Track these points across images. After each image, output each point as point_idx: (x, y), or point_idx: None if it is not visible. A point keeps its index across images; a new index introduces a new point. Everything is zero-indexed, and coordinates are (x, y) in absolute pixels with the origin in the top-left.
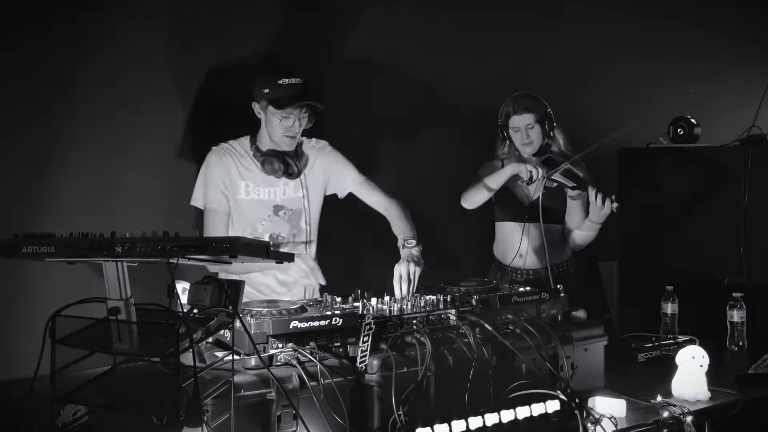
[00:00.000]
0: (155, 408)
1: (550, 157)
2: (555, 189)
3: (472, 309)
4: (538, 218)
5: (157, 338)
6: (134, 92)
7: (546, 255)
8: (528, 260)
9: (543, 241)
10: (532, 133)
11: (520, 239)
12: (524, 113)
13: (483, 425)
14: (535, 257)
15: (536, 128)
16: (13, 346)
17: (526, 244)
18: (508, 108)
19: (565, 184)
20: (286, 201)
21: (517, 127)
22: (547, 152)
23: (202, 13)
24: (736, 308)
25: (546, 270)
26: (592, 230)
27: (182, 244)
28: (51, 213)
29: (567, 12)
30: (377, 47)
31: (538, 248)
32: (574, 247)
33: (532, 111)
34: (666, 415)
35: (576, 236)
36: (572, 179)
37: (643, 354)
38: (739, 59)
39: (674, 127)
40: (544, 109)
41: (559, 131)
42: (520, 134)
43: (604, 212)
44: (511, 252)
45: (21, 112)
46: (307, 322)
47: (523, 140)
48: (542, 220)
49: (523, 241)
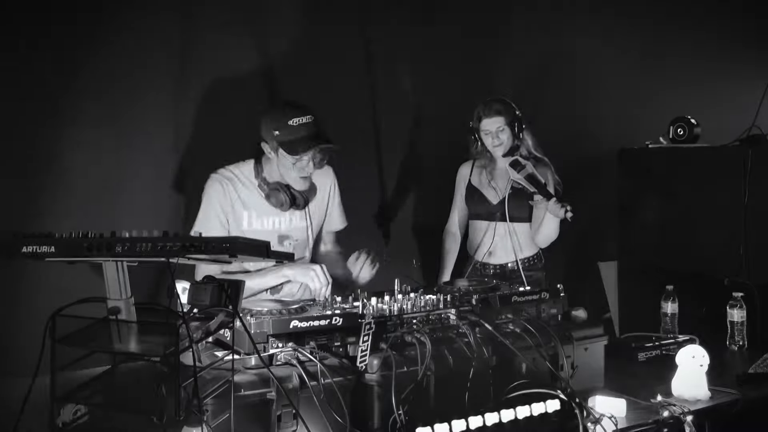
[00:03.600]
0: (155, 408)
1: (518, 160)
2: (522, 190)
3: (472, 309)
4: (505, 217)
5: (157, 338)
6: (135, 92)
7: (515, 250)
8: (495, 257)
9: (509, 238)
10: (502, 135)
11: (487, 236)
12: (495, 116)
13: (483, 425)
14: (502, 253)
15: (506, 131)
16: (13, 346)
17: (494, 241)
18: (479, 111)
19: (527, 189)
20: (292, 231)
21: (488, 130)
22: (515, 154)
23: (204, 22)
24: (736, 308)
25: (515, 263)
26: (549, 228)
27: (182, 243)
28: (51, 213)
29: (567, 12)
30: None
31: (506, 245)
32: (538, 245)
33: (502, 114)
34: (666, 414)
35: (538, 234)
36: (535, 185)
37: (643, 353)
38: (740, 59)
39: (674, 127)
40: (513, 112)
41: (527, 133)
42: (490, 137)
43: (558, 213)
44: (482, 248)
45: (21, 113)
46: (307, 321)
47: (494, 142)
48: (509, 218)
49: (490, 238)
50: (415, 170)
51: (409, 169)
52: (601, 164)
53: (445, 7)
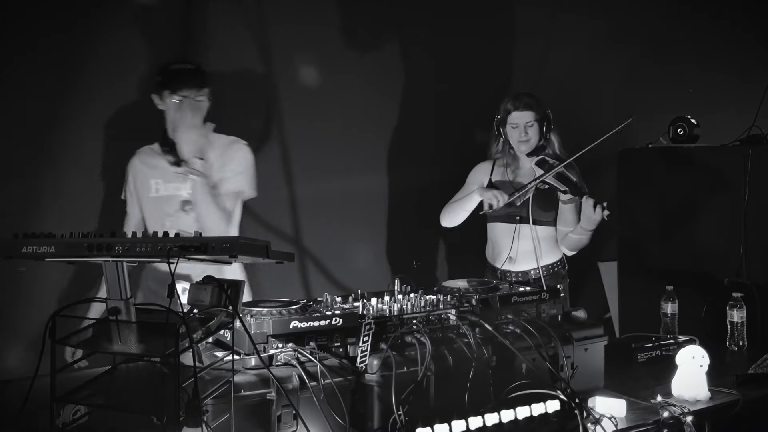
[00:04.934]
0: (155, 408)
1: (545, 159)
2: (547, 191)
3: (472, 309)
4: (528, 219)
5: (157, 338)
6: (136, 93)
7: (537, 255)
8: (518, 263)
9: (533, 243)
10: (531, 131)
11: (511, 241)
12: (525, 110)
13: (483, 425)
14: (524, 260)
15: (535, 127)
16: (12, 346)
17: (516, 246)
18: (508, 104)
19: (557, 188)
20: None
21: (516, 124)
22: (542, 153)
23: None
24: (736, 308)
25: (537, 270)
26: (583, 235)
27: (182, 244)
28: (51, 213)
29: (567, 12)
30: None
31: (528, 250)
32: (565, 251)
33: (533, 109)
34: (666, 415)
35: (567, 240)
36: (564, 183)
37: (643, 354)
38: (740, 59)
39: (674, 127)
40: (544, 109)
41: (554, 134)
42: (518, 131)
43: (595, 218)
44: (502, 254)
45: (21, 113)
46: (307, 322)
47: (521, 137)
48: (533, 222)
49: (514, 243)
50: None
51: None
52: (601, 164)
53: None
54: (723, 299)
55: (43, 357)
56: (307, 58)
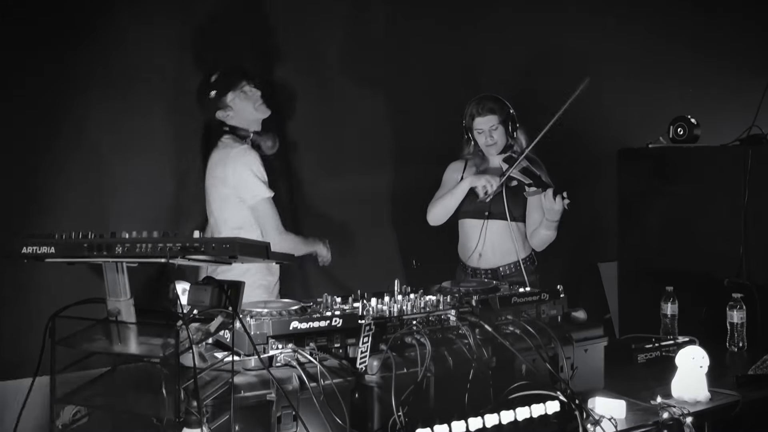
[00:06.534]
0: (155, 409)
1: (511, 156)
2: (516, 187)
3: (471, 310)
4: (498, 215)
5: (157, 339)
6: (136, 92)
7: (516, 250)
8: (485, 259)
9: (502, 239)
10: (496, 134)
11: (478, 237)
12: (488, 114)
13: (483, 426)
14: (492, 256)
15: (500, 129)
16: (12, 347)
17: (483, 242)
18: (472, 110)
19: (522, 182)
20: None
21: (481, 129)
22: (509, 152)
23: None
24: (736, 309)
25: (508, 267)
26: (550, 229)
27: (183, 244)
28: (51, 213)
29: (567, 11)
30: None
31: (496, 246)
32: (534, 247)
33: (496, 113)
34: (666, 416)
35: (536, 236)
36: (529, 176)
37: (643, 355)
38: (740, 59)
39: (674, 127)
40: (507, 110)
41: (521, 132)
42: (483, 136)
43: (556, 209)
44: (472, 250)
45: (22, 113)
46: (307, 322)
47: (488, 141)
48: (511, 218)
49: (481, 239)
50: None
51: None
52: (601, 164)
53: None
54: (723, 300)
55: (43, 357)
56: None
